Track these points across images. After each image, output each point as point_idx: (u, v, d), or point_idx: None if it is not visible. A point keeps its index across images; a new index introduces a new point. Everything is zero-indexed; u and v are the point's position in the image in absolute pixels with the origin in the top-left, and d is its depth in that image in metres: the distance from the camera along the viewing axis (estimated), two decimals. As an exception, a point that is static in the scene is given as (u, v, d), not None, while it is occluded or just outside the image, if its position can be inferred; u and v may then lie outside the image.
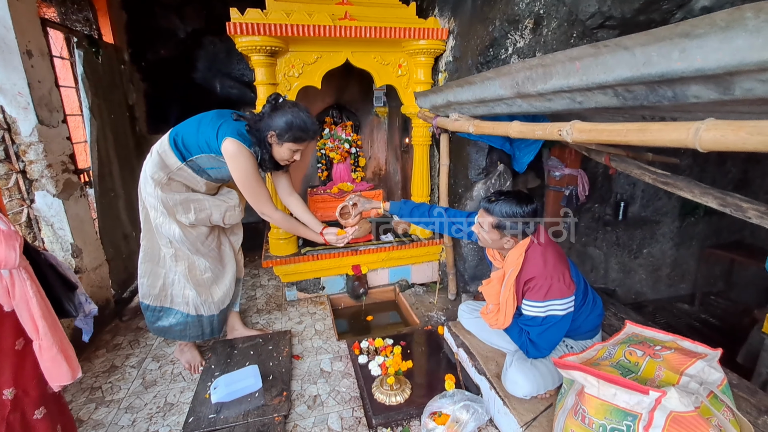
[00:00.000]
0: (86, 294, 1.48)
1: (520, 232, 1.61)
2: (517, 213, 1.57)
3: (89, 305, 1.47)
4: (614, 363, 1.40)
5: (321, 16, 2.24)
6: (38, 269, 1.29)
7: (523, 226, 1.59)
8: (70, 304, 1.39)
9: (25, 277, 1.15)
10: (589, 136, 0.97)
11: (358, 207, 2.06)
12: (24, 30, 1.98)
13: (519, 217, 1.56)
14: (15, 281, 1.13)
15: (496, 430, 1.70)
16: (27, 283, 1.15)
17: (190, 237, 1.90)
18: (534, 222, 1.60)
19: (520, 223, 1.57)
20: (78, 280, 1.46)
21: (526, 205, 1.57)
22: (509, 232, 1.61)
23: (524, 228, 1.60)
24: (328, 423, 1.76)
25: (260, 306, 2.83)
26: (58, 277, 1.37)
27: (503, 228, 1.60)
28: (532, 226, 1.61)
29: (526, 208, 1.57)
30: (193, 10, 3.62)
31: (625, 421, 1.17)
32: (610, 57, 0.86)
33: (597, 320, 1.83)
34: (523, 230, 1.60)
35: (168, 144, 1.77)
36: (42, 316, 1.17)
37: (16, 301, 1.14)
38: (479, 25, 2.18)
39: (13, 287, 1.13)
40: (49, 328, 1.18)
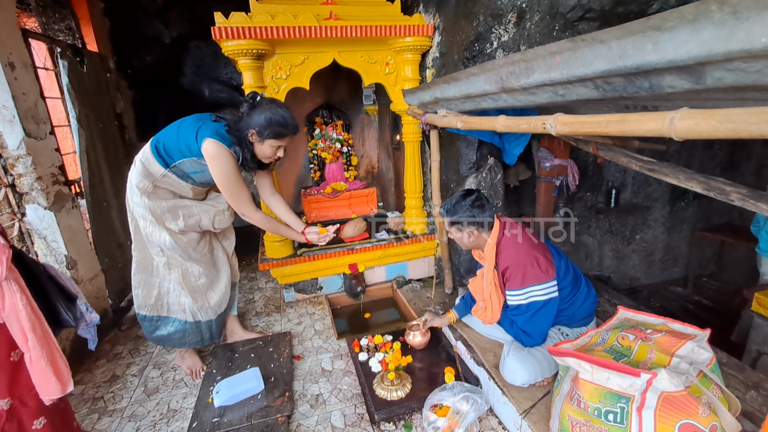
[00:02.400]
0: (87, 303, 1.49)
1: (476, 223, 1.72)
2: (462, 205, 1.72)
3: (90, 314, 1.48)
4: (607, 348, 1.44)
5: (306, 17, 2.25)
6: (36, 280, 1.30)
7: (473, 212, 1.71)
8: (68, 314, 1.39)
9: (15, 289, 1.15)
10: (571, 129, 0.99)
11: (428, 324, 2.13)
12: (4, 41, 1.96)
13: (464, 207, 1.71)
14: (5, 293, 1.14)
15: (497, 419, 1.74)
16: (17, 295, 1.16)
17: (181, 244, 1.91)
18: (488, 209, 1.74)
19: (467, 211, 1.71)
20: (78, 290, 1.46)
21: (468, 196, 1.74)
22: (466, 225, 1.73)
23: (476, 215, 1.72)
24: (331, 421, 1.78)
25: (259, 308, 2.84)
26: (58, 288, 1.38)
27: (459, 223, 1.74)
28: (488, 213, 1.73)
29: (468, 198, 1.73)
30: (177, 14, 3.60)
31: (618, 403, 1.20)
32: (588, 51, 0.88)
33: (591, 307, 1.87)
34: (477, 218, 1.72)
35: (150, 151, 1.77)
36: (31, 328, 1.17)
37: (6, 314, 1.15)
38: (464, 20, 2.20)
39: (2, 299, 1.13)
40: (38, 341, 1.18)
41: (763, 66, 0.65)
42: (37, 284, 1.30)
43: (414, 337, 2.13)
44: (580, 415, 1.28)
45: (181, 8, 3.58)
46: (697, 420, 1.11)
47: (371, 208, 3.35)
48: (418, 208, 2.95)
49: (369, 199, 3.40)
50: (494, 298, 1.76)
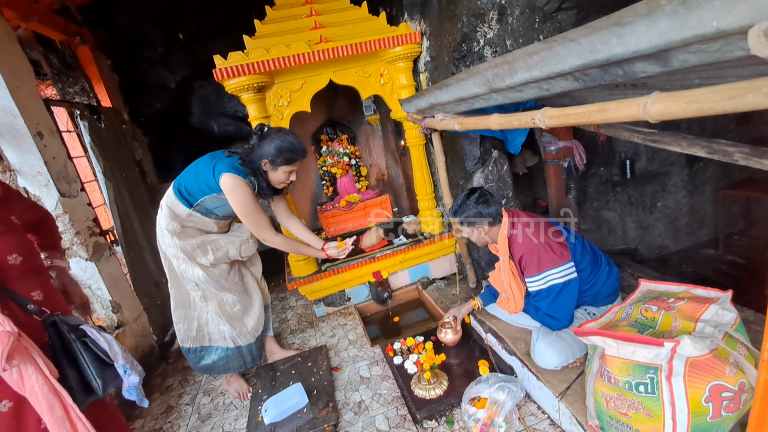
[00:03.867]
0: (127, 365, 1.39)
1: (482, 217, 1.79)
2: (468, 204, 1.79)
3: (129, 377, 1.38)
4: (632, 322, 1.46)
5: (298, 45, 2.36)
6: (69, 349, 1.29)
7: (478, 209, 1.78)
8: (98, 381, 1.31)
9: (31, 371, 1.14)
10: (558, 121, 1.04)
11: (458, 318, 2.20)
12: (30, 114, 2.14)
13: (471, 206, 1.79)
14: (22, 375, 1.13)
15: (535, 404, 1.78)
16: (33, 377, 1.14)
17: (214, 276, 2.03)
18: (494, 203, 1.80)
19: (473, 208, 1.78)
20: (118, 352, 1.36)
21: (471, 195, 1.82)
22: (473, 221, 1.80)
23: (482, 211, 1.78)
24: (375, 425, 1.86)
25: (293, 326, 2.95)
26: (92, 354, 1.32)
27: (466, 222, 1.81)
28: (493, 207, 1.79)
29: (472, 196, 1.81)
30: (178, 59, 3.79)
31: (647, 374, 1.23)
32: (561, 49, 0.94)
33: (615, 285, 1.89)
34: (484, 214, 1.79)
35: (174, 195, 1.90)
36: (48, 410, 1.15)
37: (27, 393, 1.15)
38: (448, 23, 2.26)
39: (21, 380, 1.13)
40: (56, 422, 1.16)
41: (721, 45, 0.70)
42: (69, 352, 1.28)
43: (446, 335, 2.19)
44: (612, 391, 1.32)
45: (181, 53, 3.77)
46: (725, 380, 1.14)
47: (386, 215, 3.42)
48: (432, 209, 3.02)
49: (383, 206, 3.48)
50: (515, 288, 1.81)
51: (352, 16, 2.60)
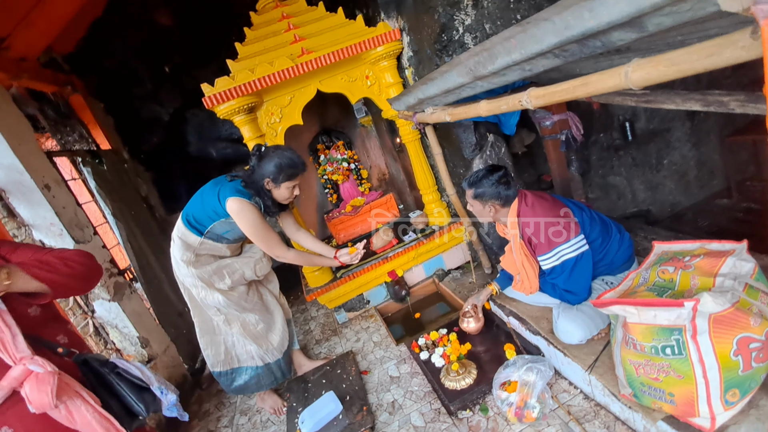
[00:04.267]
0: (162, 386, 1.47)
1: (499, 198, 1.78)
2: (490, 180, 1.78)
3: (167, 396, 1.46)
4: (650, 286, 1.46)
5: (282, 61, 2.38)
6: (105, 382, 1.36)
7: (498, 189, 1.76)
8: (139, 405, 1.39)
9: (79, 403, 1.20)
10: (545, 100, 1.05)
11: (478, 305, 2.21)
12: (35, 168, 2.20)
13: (490, 182, 1.77)
14: (71, 411, 1.19)
15: (566, 381, 1.78)
16: (82, 408, 1.20)
17: (233, 299, 2.07)
18: (513, 186, 1.78)
19: (493, 187, 1.76)
20: (151, 376, 1.44)
21: (495, 172, 1.79)
22: (488, 199, 1.79)
23: (501, 192, 1.77)
24: (411, 422, 1.88)
25: (317, 336, 2.99)
26: (127, 382, 1.40)
27: (482, 197, 1.79)
28: (512, 190, 1.77)
29: (495, 174, 1.79)
30: (168, 92, 3.84)
31: (672, 336, 1.23)
32: (536, 29, 0.94)
33: (628, 251, 1.88)
34: (501, 195, 1.77)
35: (184, 226, 1.94)
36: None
37: (80, 426, 1.20)
38: (425, 16, 2.26)
39: (71, 416, 1.19)
40: None
41: (693, 4, 0.70)
42: (105, 383, 1.36)
43: (468, 324, 2.20)
44: (640, 357, 1.32)
45: (169, 85, 3.82)
46: (751, 331, 1.14)
47: (392, 213, 3.44)
48: (437, 201, 3.02)
49: (388, 205, 3.49)
50: (528, 268, 1.81)
51: (330, 24, 2.62)
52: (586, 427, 1.56)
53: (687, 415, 1.28)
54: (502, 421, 1.71)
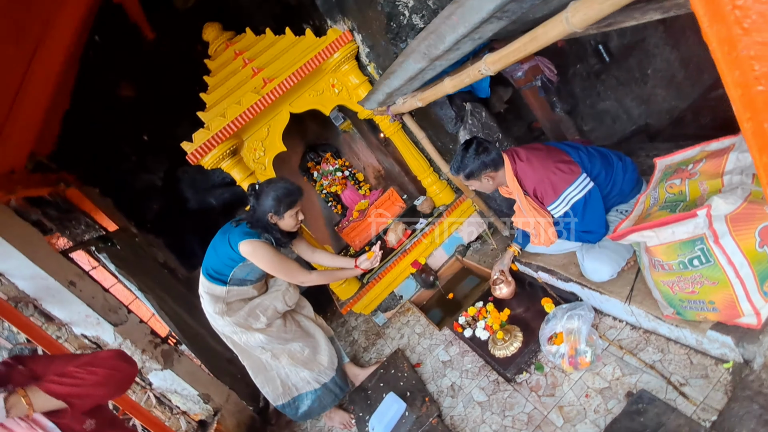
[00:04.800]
0: None
1: (486, 166, 1.80)
2: (468, 157, 1.81)
3: None
4: (663, 204, 1.46)
5: (248, 98, 2.42)
6: None
7: (480, 159, 1.79)
8: None
9: None
10: (502, 63, 1.06)
11: (504, 269, 2.23)
12: (56, 270, 2.29)
13: (470, 158, 1.80)
14: None
15: (609, 317, 1.80)
16: None
17: (273, 334, 2.13)
18: (492, 148, 1.81)
19: (475, 160, 1.79)
20: None
21: (469, 147, 1.83)
22: (479, 173, 1.82)
23: (484, 160, 1.79)
24: (474, 399, 1.92)
25: (363, 344, 3.05)
26: None
27: (472, 174, 1.82)
28: (494, 153, 1.79)
29: (470, 149, 1.82)
30: (153, 158, 3.92)
31: (696, 247, 1.24)
32: (473, 0, 0.96)
33: (634, 174, 1.88)
34: (486, 162, 1.79)
35: (207, 281, 2.01)
36: None
37: None
38: (369, 11, 2.27)
39: None
40: None
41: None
42: None
43: (501, 290, 2.22)
44: (670, 276, 1.33)
45: (152, 152, 3.89)
46: (769, 220, 1.13)
47: (399, 207, 3.46)
48: (437, 182, 3.04)
49: (392, 199, 3.52)
50: (541, 221, 1.83)
51: (282, 47, 2.63)
52: (641, 356, 1.57)
53: (732, 317, 1.29)
54: (559, 373, 1.74)
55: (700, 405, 1.34)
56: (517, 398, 1.79)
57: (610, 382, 1.57)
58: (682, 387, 1.41)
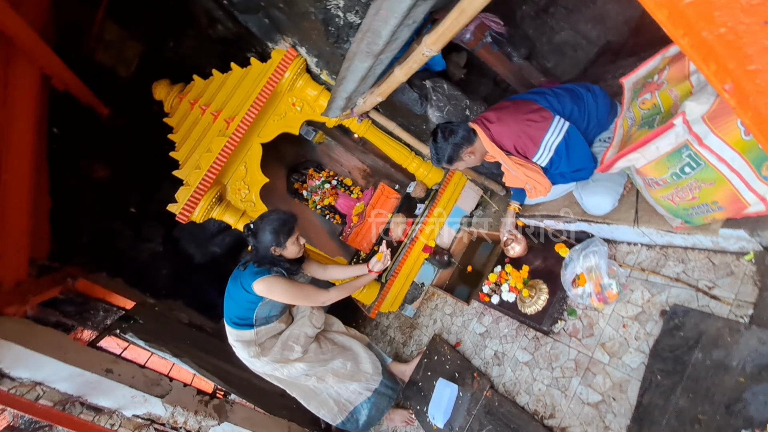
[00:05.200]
0: None
1: (461, 145, 1.82)
2: (440, 146, 1.83)
3: None
4: (640, 123, 1.46)
5: (216, 143, 2.42)
6: None
7: (453, 141, 1.81)
8: None
9: None
10: (441, 42, 1.06)
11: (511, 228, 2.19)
12: (89, 363, 2.35)
13: (445, 145, 1.83)
14: None
15: (623, 244, 1.81)
16: None
17: (312, 359, 2.17)
18: (459, 125, 1.83)
19: (450, 145, 1.82)
20: None
21: (436, 137, 1.85)
22: (458, 155, 1.85)
23: (456, 141, 1.81)
24: (520, 360, 1.95)
25: (401, 340, 3.08)
26: None
27: (453, 158, 1.86)
28: (461, 129, 1.81)
29: (438, 138, 1.84)
30: (147, 227, 3.95)
31: (683, 155, 1.24)
32: (394, -9, 0.96)
33: (606, 100, 1.87)
34: (459, 142, 1.82)
35: (233, 329, 2.04)
36: None
37: None
38: (304, 22, 2.26)
39: None
40: None
41: None
42: None
43: (513, 249, 2.23)
44: (667, 190, 1.33)
45: (143, 221, 3.92)
46: (745, 110, 1.13)
47: (394, 198, 3.47)
48: (422, 164, 3.04)
49: (385, 193, 3.52)
50: (532, 174, 1.83)
51: (233, 83, 2.63)
52: (664, 272, 1.58)
53: (739, 211, 1.29)
54: (592, 312, 1.76)
55: (734, 302, 1.36)
56: (559, 348, 1.81)
57: (642, 306, 1.59)
58: (712, 290, 1.42)
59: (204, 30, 3.07)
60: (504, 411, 1.82)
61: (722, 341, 1.28)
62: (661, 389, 1.35)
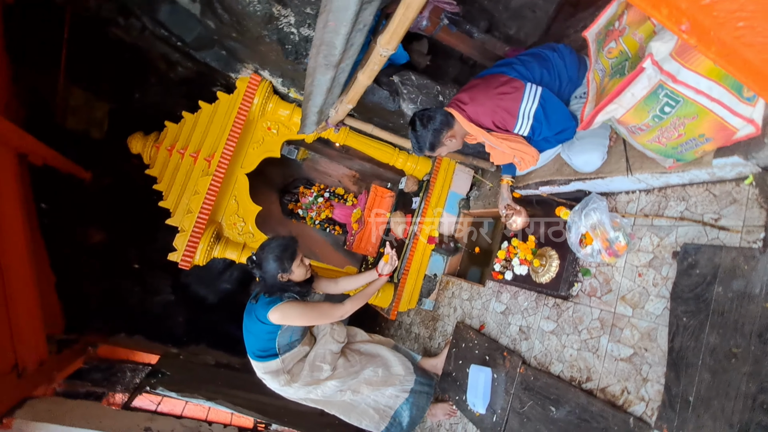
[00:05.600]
0: None
1: (441, 131, 1.81)
2: (420, 134, 1.82)
3: None
4: (611, 73, 1.45)
5: (201, 183, 2.42)
6: None
7: (433, 128, 1.80)
8: None
9: None
10: (394, 40, 1.05)
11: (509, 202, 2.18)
12: (127, 425, 2.42)
13: (425, 132, 1.82)
14: None
15: (621, 194, 1.80)
16: None
17: (342, 374, 2.16)
18: (436, 111, 1.83)
19: (430, 132, 1.81)
20: None
21: (415, 125, 1.84)
22: (440, 140, 1.83)
23: (436, 127, 1.79)
24: (545, 330, 1.94)
25: (426, 334, 3.08)
26: None
27: (435, 144, 1.84)
28: (439, 114, 1.81)
29: (417, 126, 1.83)
30: (154, 279, 3.95)
31: (659, 96, 1.22)
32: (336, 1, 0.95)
33: (573, 57, 1.86)
34: (439, 127, 1.80)
35: (258, 362, 2.04)
36: None
37: None
38: (260, 46, 2.25)
39: None
40: None
41: None
42: None
43: (515, 222, 2.21)
44: (652, 133, 1.32)
45: (149, 274, 3.92)
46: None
47: (389, 198, 3.46)
48: (408, 158, 3.03)
49: (380, 194, 3.52)
50: (517, 146, 1.82)
51: (205, 121, 2.62)
52: (667, 214, 1.57)
53: (728, 137, 1.28)
54: (605, 268, 1.75)
55: (743, 229, 1.34)
56: (581, 310, 1.80)
57: (653, 252, 1.58)
58: (718, 222, 1.41)
59: (165, 75, 3.06)
60: (541, 384, 1.81)
61: (739, 271, 1.27)
62: (689, 331, 1.34)
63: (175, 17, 2.31)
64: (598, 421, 1.52)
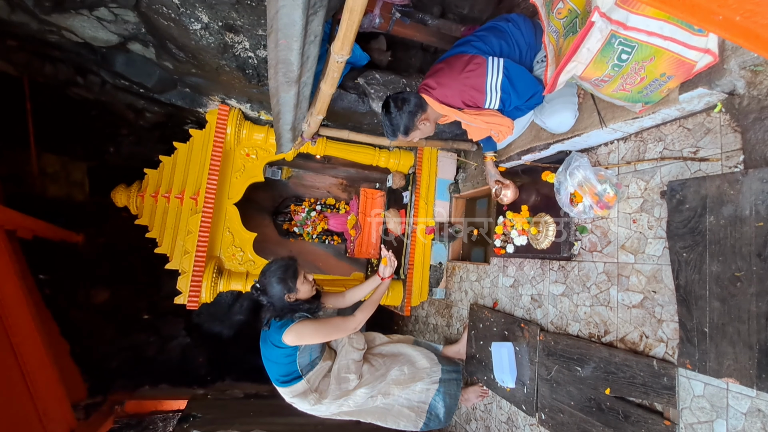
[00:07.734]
0: None
1: (415, 114, 1.81)
2: (394, 117, 1.82)
3: None
4: (565, 33, 1.46)
5: (192, 222, 2.42)
6: None
7: (406, 111, 1.80)
8: None
9: None
10: (347, 45, 1.07)
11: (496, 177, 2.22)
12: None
13: (398, 116, 1.81)
14: None
15: (602, 147, 1.83)
16: None
17: (369, 380, 2.17)
18: (409, 94, 1.82)
19: (403, 115, 1.80)
20: None
21: (388, 109, 1.83)
22: (413, 123, 1.83)
23: (409, 109, 1.79)
24: (555, 294, 1.97)
25: (443, 323, 3.10)
26: None
27: (408, 128, 1.84)
28: (412, 97, 1.80)
29: (391, 108, 1.82)
30: (165, 326, 3.95)
31: (614, 45, 1.24)
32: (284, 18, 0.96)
33: (527, 24, 1.87)
34: (413, 110, 1.80)
35: (284, 387, 2.05)
36: None
37: None
38: (220, 76, 2.26)
39: None
40: None
41: None
42: None
43: (506, 196, 2.24)
44: (615, 83, 1.34)
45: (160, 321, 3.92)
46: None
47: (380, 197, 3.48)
48: (390, 156, 3.05)
49: (370, 196, 3.54)
50: (491, 120, 1.83)
51: (183, 161, 2.62)
52: (647, 156, 1.60)
53: (689, 71, 1.30)
54: (600, 222, 1.77)
55: (722, 156, 1.37)
56: (586, 267, 1.82)
57: (643, 196, 1.60)
58: (698, 154, 1.44)
59: (135, 123, 3.06)
60: (562, 346, 1.83)
61: (726, 197, 1.29)
62: (691, 264, 1.36)
63: (132, 65, 2.31)
64: (624, 371, 1.54)
